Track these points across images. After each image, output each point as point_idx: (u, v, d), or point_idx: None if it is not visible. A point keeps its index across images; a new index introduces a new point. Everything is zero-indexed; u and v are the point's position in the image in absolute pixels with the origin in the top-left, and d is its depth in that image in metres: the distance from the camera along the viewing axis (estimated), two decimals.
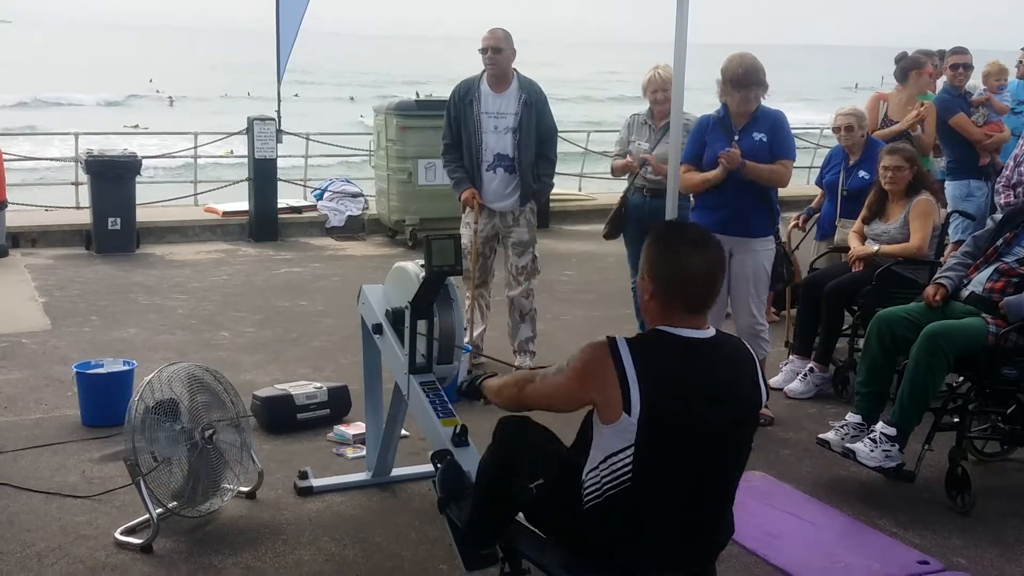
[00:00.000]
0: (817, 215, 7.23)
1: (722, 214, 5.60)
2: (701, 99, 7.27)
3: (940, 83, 8.46)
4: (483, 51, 6.38)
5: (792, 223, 7.24)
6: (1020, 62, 8.52)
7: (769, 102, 5.74)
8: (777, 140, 5.63)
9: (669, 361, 2.79)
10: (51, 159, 14.26)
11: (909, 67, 7.69)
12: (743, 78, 5.54)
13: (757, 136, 5.59)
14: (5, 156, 10.24)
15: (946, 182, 7.87)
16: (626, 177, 6.74)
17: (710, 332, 2.87)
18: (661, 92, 6.37)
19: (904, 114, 7.62)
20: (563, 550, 3.06)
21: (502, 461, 3.20)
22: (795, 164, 5.92)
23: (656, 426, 2.73)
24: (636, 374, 2.72)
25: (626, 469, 2.77)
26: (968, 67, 8.12)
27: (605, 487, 2.82)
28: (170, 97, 44.34)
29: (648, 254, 2.91)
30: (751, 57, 5.62)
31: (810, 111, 28.37)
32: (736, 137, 5.58)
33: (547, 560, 3.18)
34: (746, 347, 2.98)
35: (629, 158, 6.57)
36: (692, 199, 5.89)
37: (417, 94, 12.30)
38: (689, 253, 2.84)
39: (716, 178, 5.56)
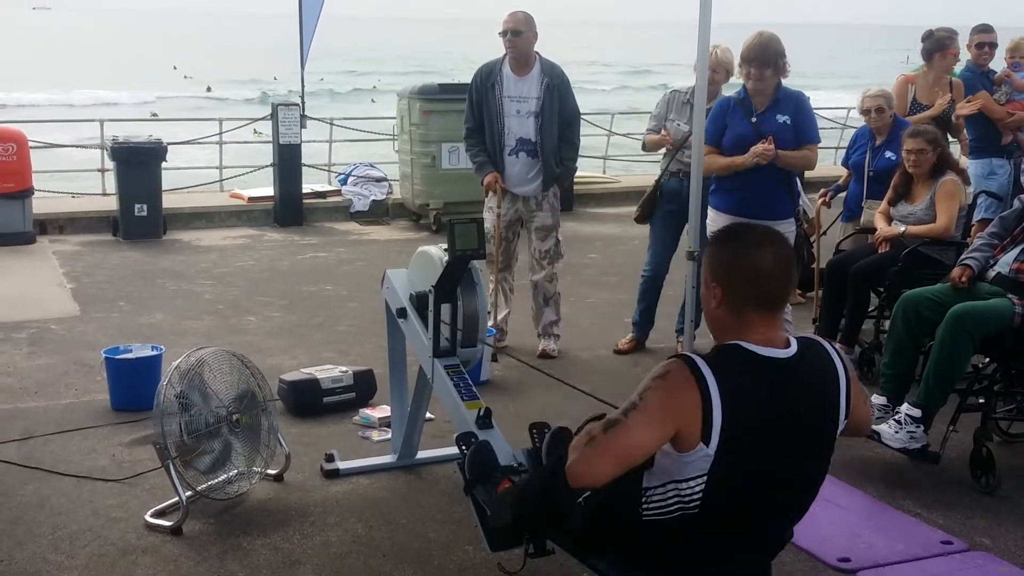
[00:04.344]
0: (843, 192, 7.20)
1: (742, 196, 5.59)
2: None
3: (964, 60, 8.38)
4: (503, 34, 6.38)
5: (819, 200, 7.19)
6: None
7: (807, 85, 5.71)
8: (803, 124, 5.60)
9: (752, 388, 2.54)
10: (77, 146, 14.34)
11: (933, 49, 7.59)
12: (746, 53, 5.52)
13: (781, 118, 5.55)
14: (31, 143, 10.33)
15: (968, 160, 7.81)
16: (659, 160, 6.68)
17: (792, 350, 2.62)
18: (711, 73, 6.28)
19: (932, 96, 7.55)
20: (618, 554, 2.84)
21: (548, 482, 2.82)
22: (822, 145, 5.89)
23: (733, 459, 2.52)
24: (721, 402, 2.47)
25: (695, 497, 2.56)
26: (993, 46, 8.04)
27: (672, 508, 2.61)
28: (208, 87, 44.39)
29: (716, 257, 2.68)
30: (768, 35, 5.56)
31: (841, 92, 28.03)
32: (754, 118, 5.55)
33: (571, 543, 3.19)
34: (831, 358, 2.69)
35: (664, 133, 6.45)
36: (712, 181, 5.86)
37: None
38: (759, 249, 2.61)
39: (744, 165, 5.52)
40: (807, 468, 2.71)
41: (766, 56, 5.48)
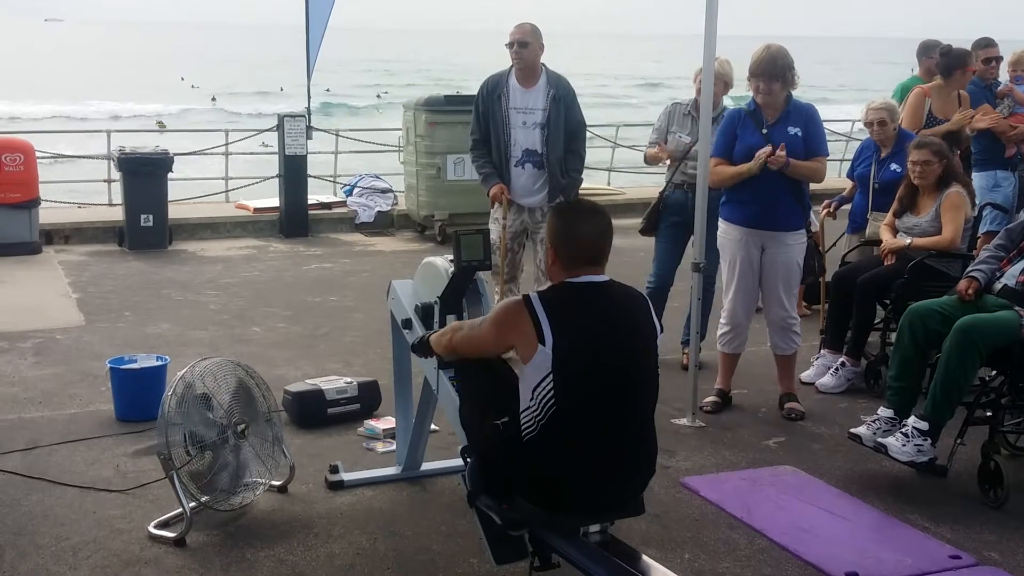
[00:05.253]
0: (848, 205, 7.19)
1: (754, 209, 5.57)
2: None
3: None
4: (509, 45, 6.38)
5: (823, 211, 7.17)
6: None
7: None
8: (813, 136, 5.58)
9: (573, 300, 3.27)
10: (84, 156, 14.38)
11: (954, 65, 7.53)
12: (754, 67, 5.51)
13: (792, 130, 5.53)
14: (38, 154, 10.36)
15: (973, 173, 7.80)
16: (663, 171, 6.68)
17: (606, 277, 3.36)
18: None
19: (947, 110, 7.53)
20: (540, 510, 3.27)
21: (472, 402, 3.60)
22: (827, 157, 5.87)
23: (568, 351, 3.16)
24: (546, 313, 3.19)
25: (550, 396, 3.16)
26: (999, 59, 8.06)
27: (537, 419, 3.20)
28: (213, 98, 44.50)
29: (550, 225, 3.42)
30: (776, 48, 5.55)
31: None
32: (764, 130, 5.54)
33: (576, 553, 3.20)
34: (637, 291, 3.49)
35: (658, 149, 6.50)
36: (723, 193, 5.83)
37: None
38: (583, 220, 3.37)
39: (750, 172, 5.50)
40: (634, 362, 3.29)
41: (774, 70, 5.47)
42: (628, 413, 3.26)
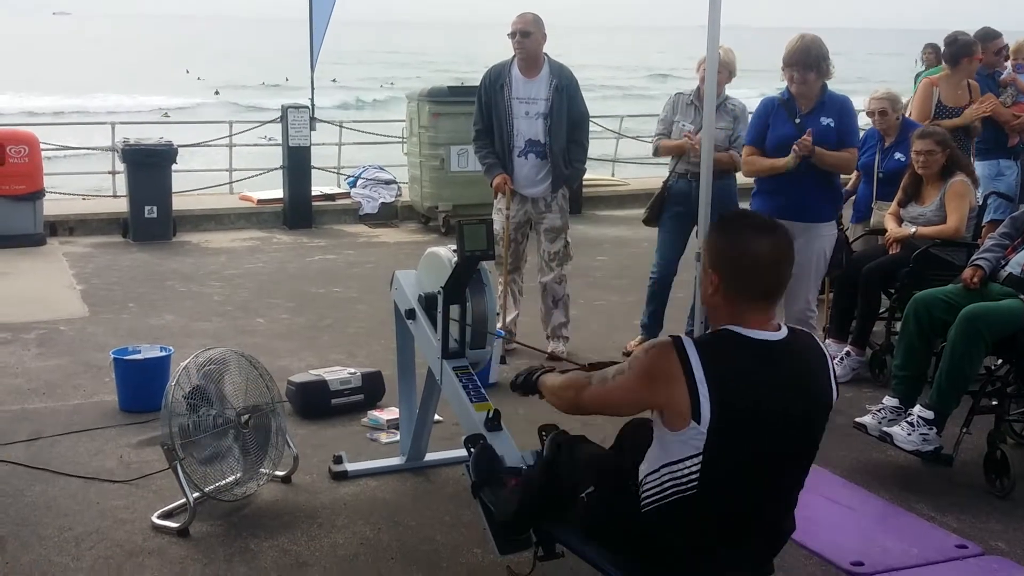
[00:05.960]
0: (853, 196, 7.17)
1: (785, 199, 5.50)
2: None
3: None
4: (512, 35, 6.35)
5: None
6: None
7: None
8: (845, 127, 5.54)
9: (740, 366, 2.60)
10: (88, 148, 14.39)
11: (960, 54, 7.51)
12: (788, 57, 5.48)
13: (825, 121, 5.48)
14: (43, 145, 10.36)
15: (976, 162, 7.78)
16: (667, 162, 6.65)
17: (782, 333, 2.67)
18: None
19: (956, 99, 7.51)
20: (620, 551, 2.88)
21: (549, 473, 3.09)
22: None
23: (726, 437, 2.56)
24: (706, 379, 2.54)
25: (692, 477, 2.60)
26: (1006, 47, 8.06)
27: (667, 492, 2.66)
28: (216, 91, 44.50)
29: (713, 244, 2.72)
30: (810, 39, 5.50)
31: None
32: (798, 120, 5.49)
33: (580, 544, 3.18)
34: (817, 343, 2.81)
35: (685, 140, 6.30)
36: (754, 183, 5.77)
37: None
38: (757, 238, 2.64)
39: (786, 166, 5.44)
40: (800, 446, 2.74)
41: (808, 59, 5.43)
42: (777, 498, 2.78)
